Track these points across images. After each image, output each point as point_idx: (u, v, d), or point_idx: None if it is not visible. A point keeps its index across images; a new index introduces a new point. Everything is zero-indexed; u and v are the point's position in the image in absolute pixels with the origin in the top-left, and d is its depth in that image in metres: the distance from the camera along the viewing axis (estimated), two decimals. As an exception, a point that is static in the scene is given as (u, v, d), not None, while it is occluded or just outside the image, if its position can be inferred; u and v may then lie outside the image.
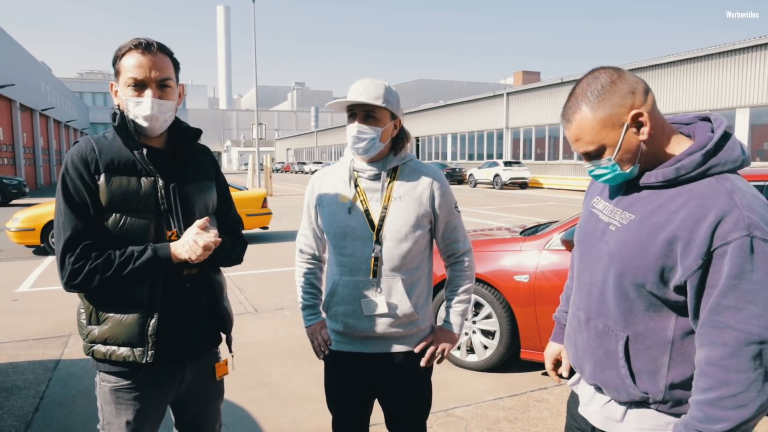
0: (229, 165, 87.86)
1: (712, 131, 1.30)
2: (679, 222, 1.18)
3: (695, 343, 1.22)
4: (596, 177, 1.34)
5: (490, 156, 33.82)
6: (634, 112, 1.23)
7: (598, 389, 1.44)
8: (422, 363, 1.94)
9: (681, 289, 1.21)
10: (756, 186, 3.24)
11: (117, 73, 1.63)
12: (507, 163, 27.49)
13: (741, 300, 1.11)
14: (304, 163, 59.23)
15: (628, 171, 1.29)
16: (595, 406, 1.45)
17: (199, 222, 1.62)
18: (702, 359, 1.18)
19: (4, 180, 20.14)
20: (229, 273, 7.60)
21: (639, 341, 1.30)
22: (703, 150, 1.22)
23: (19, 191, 20.14)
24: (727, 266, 1.11)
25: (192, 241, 1.58)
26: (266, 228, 11.00)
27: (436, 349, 1.96)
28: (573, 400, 1.61)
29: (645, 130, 1.24)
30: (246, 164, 42.00)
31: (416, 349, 1.94)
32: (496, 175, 27.19)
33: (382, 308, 1.87)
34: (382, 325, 1.89)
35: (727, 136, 1.27)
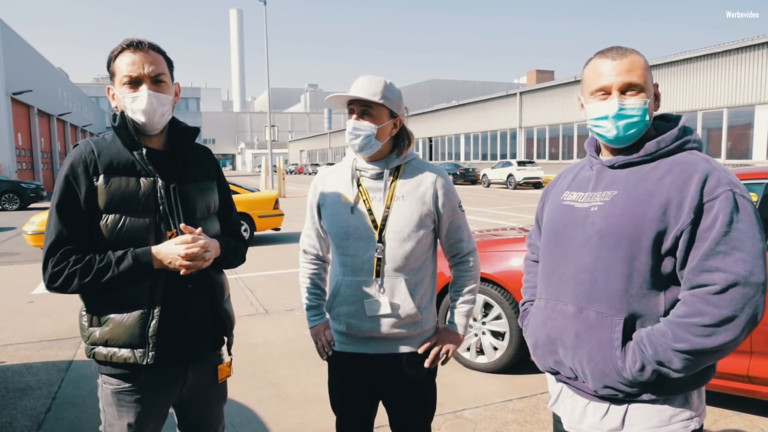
0: (243, 167, 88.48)
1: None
2: (669, 186, 1.31)
3: (682, 286, 1.30)
4: (619, 118, 1.36)
5: (503, 156, 33.63)
6: (656, 83, 1.44)
7: (595, 397, 1.39)
8: (426, 364, 1.91)
9: (671, 253, 1.31)
10: (756, 185, 3.16)
11: (112, 76, 1.64)
12: (521, 163, 27.29)
13: (729, 246, 1.23)
14: (317, 165, 59.43)
15: (644, 127, 1.38)
16: (591, 421, 1.41)
17: (186, 237, 1.61)
18: (686, 294, 1.27)
19: (22, 184, 20.50)
20: (241, 274, 7.64)
21: (636, 322, 1.34)
22: (679, 125, 1.41)
23: (37, 195, 20.48)
24: (718, 217, 1.25)
25: (174, 254, 1.58)
26: (278, 229, 11.06)
27: (441, 350, 1.93)
28: (557, 421, 1.57)
29: (658, 104, 1.43)
30: (259, 166, 42.27)
31: (420, 350, 1.91)
32: (510, 175, 27.00)
33: (385, 309, 1.85)
34: (385, 326, 1.86)
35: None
